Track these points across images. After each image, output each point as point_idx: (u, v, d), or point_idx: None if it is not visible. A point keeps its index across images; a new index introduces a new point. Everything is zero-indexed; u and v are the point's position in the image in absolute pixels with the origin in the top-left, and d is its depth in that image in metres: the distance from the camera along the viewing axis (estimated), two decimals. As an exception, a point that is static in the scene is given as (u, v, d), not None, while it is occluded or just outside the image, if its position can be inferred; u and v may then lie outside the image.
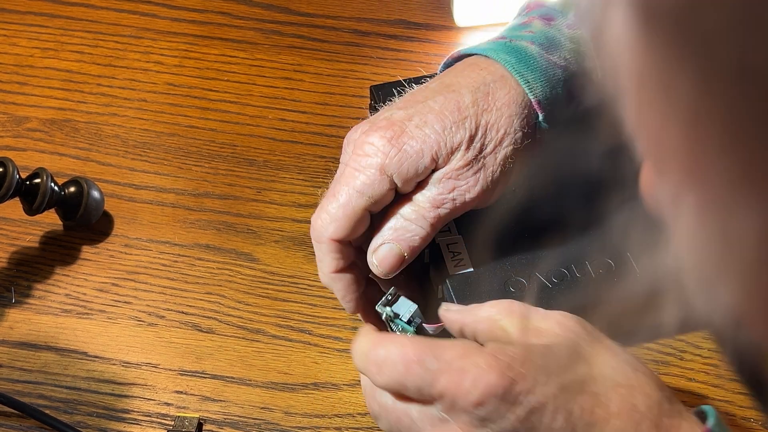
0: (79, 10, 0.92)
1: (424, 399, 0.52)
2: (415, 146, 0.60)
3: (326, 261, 0.62)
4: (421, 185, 0.62)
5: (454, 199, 0.61)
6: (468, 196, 0.62)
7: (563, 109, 0.64)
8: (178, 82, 0.86)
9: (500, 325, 0.54)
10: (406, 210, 0.61)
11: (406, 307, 0.60)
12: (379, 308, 0.60)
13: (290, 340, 0.69)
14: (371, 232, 0.62)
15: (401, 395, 0.53)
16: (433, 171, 0.61)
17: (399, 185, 0.61)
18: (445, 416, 0.51)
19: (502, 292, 0.65)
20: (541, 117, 0.63)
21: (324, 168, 0.79)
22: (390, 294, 0.60)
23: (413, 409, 0.53)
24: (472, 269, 0.67)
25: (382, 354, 0.52)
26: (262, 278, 0.73)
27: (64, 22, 0.91)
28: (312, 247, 0.74)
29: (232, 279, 0.73)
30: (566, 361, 0.51)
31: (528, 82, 0.62)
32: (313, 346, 0.69)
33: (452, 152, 0.61)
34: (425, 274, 0.71)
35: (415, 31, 0.90)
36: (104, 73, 0.87)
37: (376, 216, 0.62)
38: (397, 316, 0.60)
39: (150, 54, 0.88)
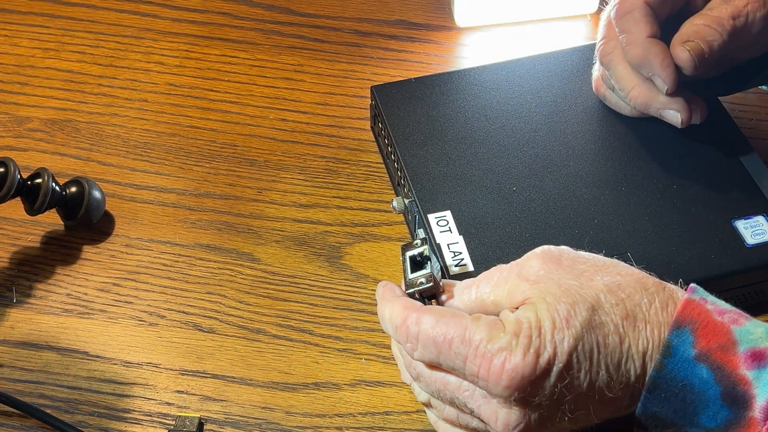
0: (80, 11, 0.92)
1: (463, 377, 0.54)
2: None
3: (641, 26, 0.69)
4: (715, 5, 0.70)
5: (746, 14, 0.68)
6: (758, 15, 0.69)
7: None
8: (178, 83, 0.86)
9: (490, 300, 0.56)
10: (706, 19, 0.69)
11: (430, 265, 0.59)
12: (403, 257, 0.60)
13: (291, 340, 0.70)
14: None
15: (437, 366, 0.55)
16: None
17: None
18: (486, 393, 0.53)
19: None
20: None
21: (324, 168, 0.79)
22: (420, 240, 0.59)
23: (452, 379, 0.55)
24: (472, 269, 0.67)
25: (414, 331, 0.54)
26: (263, 278, 0.73)
27: (65, 22, 0.91)
28: (312, 248, 0.74)
29: (233, 279, 0.73)
30: (567, 307, 0.53)
31: None
32: (314, 346, 0.69)
33: None
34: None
35: (416, 31, 0.90)
36: (105, 74, 0.87)
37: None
38: (426, 259, 0.59)
39: (151, 54, 0.89)
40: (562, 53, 0.80)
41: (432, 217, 0.69)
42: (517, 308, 0.54)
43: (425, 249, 0.59)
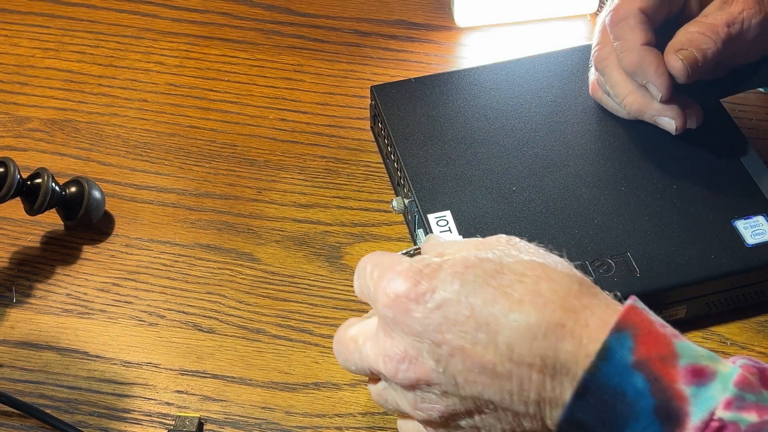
0: (80, 11, 0.92)
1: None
2: None
3: (636, 33, 0.69)
4: (710, 12, 0.70)
5: (742, 21, 0.68)
6: (753, 21, 0.69)
7: None
8: (178, 83, 0.86)
9: (441, 250, 0.57)
10: (701, 27, 0.69)
11: None
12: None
13: (291, 340, 0.70)
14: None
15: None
16: None
17: None
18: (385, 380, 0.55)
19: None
20: None
21: (324, 168, 0.79)
22: (413, 249, 0.61)
23: (361, 333, 0.57)
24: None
25: (358, 265, 0.57)
26: (263, 278, 0.73)
27: (65, 22, 0.91)
28: (312, 248, 0.74)
29: (233, 279, 0.73)
30: (473, 261, 0.53)
31: None
32: (314, 346, 0.69)
33: None
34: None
35: (416, 31, 0.90)
36: (105, 74, 0.87)
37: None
38: None
39: (151, 54, 0.89)
40: (562, 53, 0.80)
41: (432, 217, 0.69)
42: None
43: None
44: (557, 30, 0.90)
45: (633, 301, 0.51)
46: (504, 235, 0.56)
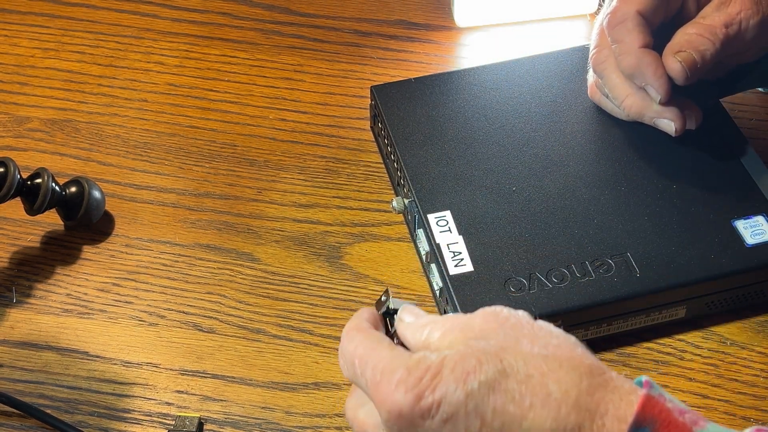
0: (79, 11, 0.92)
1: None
2: None
3: (634, 35, 0.68)
4: (708, 13, 0.70)
5: (740, 22, 0.68)
6: (752, 22, 0.69)
7: None
8: (178, 83, 0.86)
9: (434, 346, 0.54)
10: (699, 28, 0.69)
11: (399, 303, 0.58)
12: (376, 305, 0.59)
13: (291, 340, 0.70)
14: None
15: None
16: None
17: None
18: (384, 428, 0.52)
19: (502, 292, 0.65)
20: None
21: (324, 168, 0.79)
22: (384, 294, 0.59)
23: (369, 424, 0.54)
24: (472, 269, 0.67)
25: (344, 347, 0.54)
26: (263, 278, 0.73)
27: (65, 22, 0.91)
28: (312, 248, 0.74)
29: (233, 279, 0.73)
30: (474, 363, 0.50)
31: None
32: (314, 346, 0.69)
33: None
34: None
35: (416, 31, 0.90)
36: (105, 74, 0.87)
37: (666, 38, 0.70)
38: (394, 311, 0.58)
39: (151, 54, 0.89)
40: (562, 53, 0.80)
41: (432, 217, 0.69)
42: None
43: (389, 302, 0.58)
44: (557, 30, 0.90)
45: (648, 389, 0.50)
46: (491, 310, 0.53)
